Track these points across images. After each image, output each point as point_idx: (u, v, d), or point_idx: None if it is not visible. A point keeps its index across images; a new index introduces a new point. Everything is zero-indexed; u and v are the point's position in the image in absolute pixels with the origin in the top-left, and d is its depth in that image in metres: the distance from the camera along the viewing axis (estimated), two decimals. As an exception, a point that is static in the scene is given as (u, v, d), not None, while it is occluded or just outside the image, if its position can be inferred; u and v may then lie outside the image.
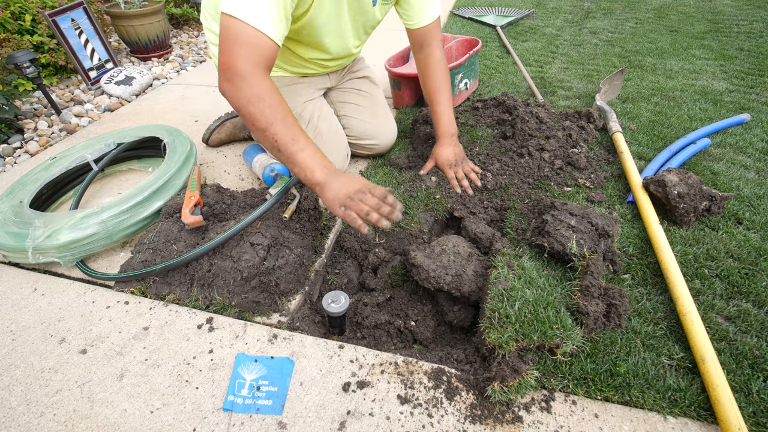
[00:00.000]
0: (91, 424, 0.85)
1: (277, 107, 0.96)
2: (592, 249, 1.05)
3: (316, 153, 0.99)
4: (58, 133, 2.01)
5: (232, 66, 0.95)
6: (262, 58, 0.97)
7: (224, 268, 1.08)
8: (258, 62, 0.96)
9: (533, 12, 3.51)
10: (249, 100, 0.95)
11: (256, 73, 0.96)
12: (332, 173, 0.98)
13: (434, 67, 1.42)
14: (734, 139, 1.65)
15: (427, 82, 1.44)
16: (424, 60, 1.43)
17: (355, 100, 1.59)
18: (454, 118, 1.47)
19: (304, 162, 0.97)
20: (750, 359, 0.90)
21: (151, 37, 2.75)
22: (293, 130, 0.97)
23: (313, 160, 0.97)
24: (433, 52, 1.41)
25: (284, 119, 0.97)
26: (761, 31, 2.82)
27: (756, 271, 1.09)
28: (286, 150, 0.97)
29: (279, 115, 0.96)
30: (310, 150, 0.98)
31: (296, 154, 0.97)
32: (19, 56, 1.92)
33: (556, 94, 2.10)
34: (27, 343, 1.01)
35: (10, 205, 1.28)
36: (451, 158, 1.43)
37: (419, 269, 1.06)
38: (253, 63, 0.95)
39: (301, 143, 0.97)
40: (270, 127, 0.96)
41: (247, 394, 0.88)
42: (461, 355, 0.98)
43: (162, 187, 1.33)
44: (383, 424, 0.83)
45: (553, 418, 0.84)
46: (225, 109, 2.05)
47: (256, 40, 0.95)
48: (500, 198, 1.40)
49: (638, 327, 0.97)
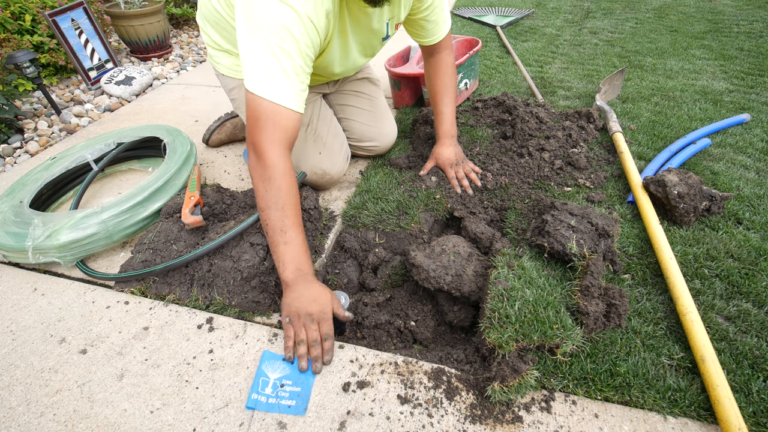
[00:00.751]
0: (91, 424, 0.85)
1: (280, 193, 0.97)
2: (592, 249, 1.05)
3: (297, 251, 0.97)
4: (58, 133, 2.01)
5: (253, 143, 0.98)
6: (284, 134, 0.98)
7: (224, 268, 1.08)
8: (278, 140, 0.98)
9: (533, 12, 3.51)
10: (259, 178, 0.98)
11: (274, 152, 0.97)
12: (302, 278, 0.96)
13: (444, 70, 1.43)
14: (734, 139, 1.65)
15: (435, 82, 1.45)
16: (434, 63, 1.44)
17: (355, 103, 1.59)
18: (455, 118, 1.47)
19: (282, 256, 0.97)
20: (750, 359, 0.90)
21: (151, 37, 2.75)
22: (287, 221, 0.97)
23: (291, 259, 0.97)
24: (444, 57, 1.43)
25: (283, 208, 0.97)
26: (761, 31, 2.82)
27: (756, 271, 1.09)
28: (271, 237, 0.98)
29: (280, 202, 0.97)
30: (292, 246, 0.97)
31: (278, 246, 0.97)
32: (19, 56, 1.92)
33: (556, 94, 2.10)
34: (27, 343, 1.01)
35: (10, 205, 1.28)
36: (452, 158, 1.43)
37: (419, 269, 1.06)
38: (272, 141, 0.97)
39: (288, 236, 0.97)
40: (266, 210, 0.98)
41: (271, 392, 0.88)
42: (461, 355, 0.98)
43: (162, 187, 1.33)
44: (383, 424, 0.83)
45: (553, 418, 0.84)
46: (225, 109, 2.05)
47: (279, 117, 0.97)
48: (500, 198, 1.40)
49: (638, 327, 0.97)
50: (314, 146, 1.41)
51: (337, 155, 1.45)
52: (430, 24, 1.31)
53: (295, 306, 0.94)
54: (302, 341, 0.93)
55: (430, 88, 1.49)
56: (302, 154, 1.39)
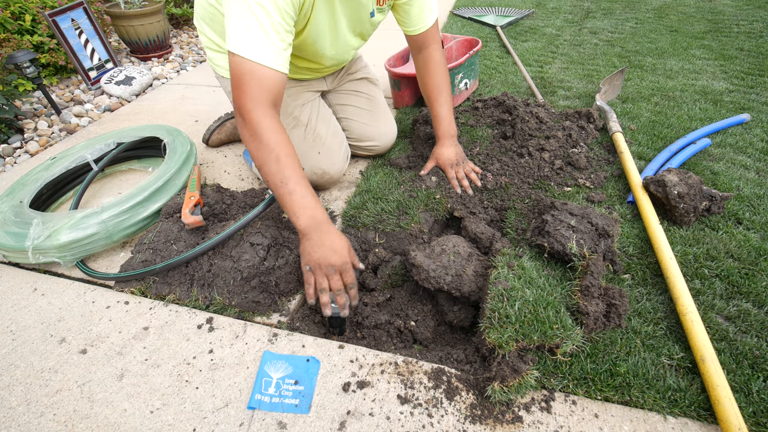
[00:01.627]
0: (91, 424, 0.85)
1: (271, 148, 0.97)
2: (592, 249, 1.05)
3: (304, 198, 0.98)
4: (58, 133, 2.01)
5: (238, 105, 0.99)
6: (267, 93, 0.98)
7: (224, 268, 1.08)
8: (262, 99, 0.97)
9: (533, 12, 3.51)
10: (249, 139, 0.99)
11: (258, 112, 0.97)
12: (318, 226, 0.97)
13: (434, 68, 1.41)
14: (734, 139, 1.65)
15: (428, 83, 1.44)
16: (423, 61, 1.43)
17: (354, 102, 1.59)
18: (454, 118, 1.47)
19: (291, 206, 0.97)
20: (750, 359, 0.90)
21: (151, 37, 2.75)
22: (285, 171, 0.97)
23: (300, 206, 0.97)
24: (432, 53, 1.41)
25: (277, 160, 0.97)
26: (761, 31, 2.82)
27: (756, 271, 1.09)
28: (276, 192, 0.99)
29: (273, 155, 0.97)
30: (297, 194, 0.97)
31: (284, 197, 0.97)
32: (19, 56, 1.92)
33: (556, 94, 2.10)
34: (27, 343, 1.01)
35: (10, 205, 1.28)
36: (452, 158, 1.43)
37: (419, 269, 1.06)
38: (256, 102, 0.97)
39: (290, 186, 0.97)
40: (263, 167, 0.98)
41: (274, 392, 0.88)
42: (461, 355, 0.98)
43: (162, 187, 1.33)
44: (383, 424, 0.83)
45: (553, 418, 0.84)
46: (225, 109, 2.05)
47: (259, 76, 0.97)
48: (500, 198, 1.40)
49: (638, 327, 0.97)
50: (313, 146, 1.41)
51: (336, 155, 1.45)
52: (414, 9, 1.31)
53: (316, 256, 0.94)
54: (325, 290, 0.95)
55: (423, 89, 1.48)
56: (301, 154, 1.39)
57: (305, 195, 0.98)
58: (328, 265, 0.94)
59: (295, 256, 1.12)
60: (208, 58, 1.46)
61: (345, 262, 0.96)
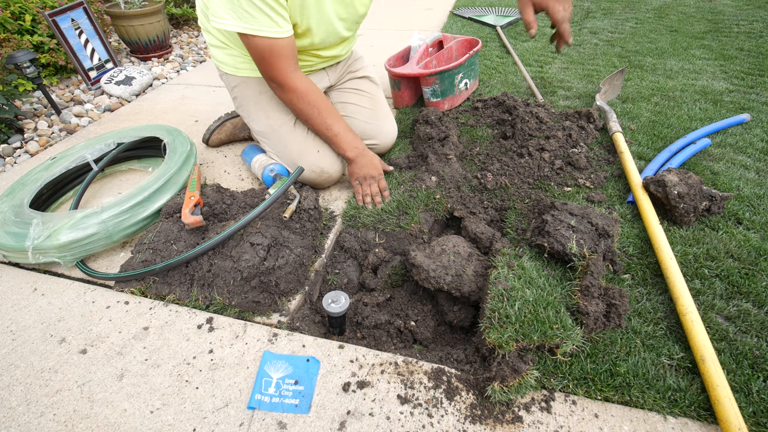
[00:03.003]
0: (91, 424, 0.85)
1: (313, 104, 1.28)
2: (592, 249, 1.05)
3: (346, 136, 1.34)
4: (58, 133, 2.01)
5: (270, 78, 1.24)
6: (287, 60, 1.19)
7: (224, 268, 1.08)
8: (286, 68, 1.19)
9: (533, 12, 3.50)
10: (291, 101, 1.28)
11: (289, 78, 1.22)
12: (360, 153, 1.36)
13: None
14: (734, 139, 1.65)
15: None
16: None
17: (355, 100, 1.59)
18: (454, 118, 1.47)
19: (340, 144, 1.35)
20: (750, 359, 0.90)
21: (151, 37, 2.75)
22: (328, 120, 1.31)
23: (346, 142, 1.34)
24: None
25: (320, 113, 1.29)
26: (761, 31, 2.82)
27: (756, 271, 1.09)
28: (324, 136, 1.35)
29: (315, 109, 1.29)
30: (342, 135, 1.33)
31: (332, 139, 1.35)
32: (19, 56, 1.92)
33: (556, 94, 2.10)
34: (27, 343, 1.01)
35: (10, 205, 1.28)
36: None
37: (419, 269, 1.06)
38: (284, 72, 1.20)
39: (335, 129, 1.32)
40: (309, 120, 1.31)
41: (274, 392, 0.88)
42: (461, 355, 0.98)
43: (162, 187, 1.33)
44: (383, 424, 0.83)
45: (553, 418, 0.84)
46: (225, 109, 2.05)
47: (279, 48, 1.14)
48: (500, 198, 1.40)
49: (638, 327, 0.97)
50: (313, 144, 1.41)
51: (335, 154, 1.45)
52: None
53: (362, 173, 1.37)
54: (368, 194, 1.37)
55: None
56: (301, 152, 1.39)
57: (347, 134, 1.35)
58: (369, 177, 1.37)
59: (296, 256, 1.12)
60: (211, 56, 1.46)
61: (380, 173, 1.40)
